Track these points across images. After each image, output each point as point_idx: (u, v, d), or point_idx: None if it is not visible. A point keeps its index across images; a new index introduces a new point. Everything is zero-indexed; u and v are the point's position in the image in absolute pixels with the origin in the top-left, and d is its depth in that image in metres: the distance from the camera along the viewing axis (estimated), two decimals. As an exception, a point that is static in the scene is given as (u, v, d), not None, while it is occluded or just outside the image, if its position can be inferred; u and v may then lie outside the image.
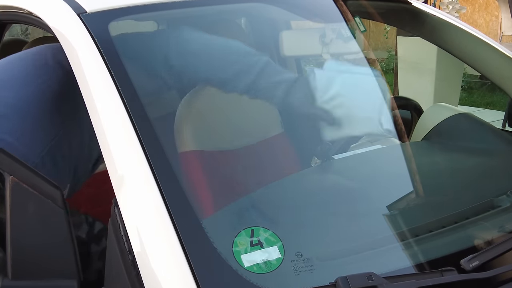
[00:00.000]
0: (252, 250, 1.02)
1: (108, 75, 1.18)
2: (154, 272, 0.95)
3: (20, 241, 0.95)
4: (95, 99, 1.16)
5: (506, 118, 1.96)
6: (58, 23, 1.33)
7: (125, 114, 1.11)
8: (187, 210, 1.01)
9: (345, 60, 1.96)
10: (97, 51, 1.22)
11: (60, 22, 1.33)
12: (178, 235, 0.96)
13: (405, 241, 1.16)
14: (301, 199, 1.31)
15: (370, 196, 1.33)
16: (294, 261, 1.03)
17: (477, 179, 1.51)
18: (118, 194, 1.03)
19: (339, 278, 0.94)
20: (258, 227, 1.06)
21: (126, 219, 1.00)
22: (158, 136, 1.10)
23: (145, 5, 1.43)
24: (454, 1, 4.73)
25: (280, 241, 1.04)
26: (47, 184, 0.98)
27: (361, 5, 1.87)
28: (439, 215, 1.26)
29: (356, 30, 1.77)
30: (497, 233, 1.22)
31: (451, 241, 1.18)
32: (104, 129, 1.11)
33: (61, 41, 1.31)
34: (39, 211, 0.97)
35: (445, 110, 1.77)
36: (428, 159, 1.63)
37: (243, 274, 0.96)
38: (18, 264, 0.94)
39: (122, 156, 1.07)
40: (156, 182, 1.01)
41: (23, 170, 0.97)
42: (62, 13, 1.33)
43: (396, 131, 1.67)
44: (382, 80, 1.45)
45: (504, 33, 7.05)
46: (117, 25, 1.34)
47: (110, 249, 1.06)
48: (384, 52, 8.77)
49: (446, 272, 1.02)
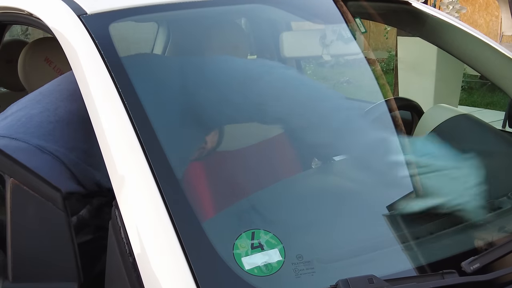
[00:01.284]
0: (252, 253, 1.02)
1: (108, 76, 1.17)
2: (155, 274, 0.95)
3: (20, 243, 0.95)
4: (95, 100, 1.16)
5: (506, 118, 1.95)
6: (58, 24, 1.33)
7: (125, 115, 1.11)
8: (187, 212, 1.00)
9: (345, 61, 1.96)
10: (97, 53, 1.21)
11: (61, 24, 1.33)
12: (179, 237, 0.96)
13: (406, 243, 1.16)
14: (302, 201, 1.31)
15: (371, 198, 1.33)
16: (295, 264, 1.03)
17: (477, 180, 1.51)
18: (118, 196, 1.03)
19: (340, 281, 0.94)
20: (259, 229, 1.06)
21: (127, 221, 1.00)
22: (158, 138, 1.10)
23: (146, 7, 1.43)
24: (454, 1, 4.73)
25: (281, 244, 1.04)
26: (48, 186, 0.98)
27: (361, 6, 1.87)
28: (439, 217, 1.26)
29: (356, 31, 1.76)
30: (498, 235, 1.22)
31: (452, 244, 1.18)
32: (105, 131, 1.11)
33: (61, 42, 1.30)
34: (39, 213, 0.96)
35: (446, 111, 1.76)
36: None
37: (244, 277, 0.95)
38: (19, 267, 0.94)
39: (122, 158, 1.07)
40: (156, 184, 1.01)
41: (23, 172, 0.97)
42: (62, 15, 1.33)
43: (396, 132, 1.66)
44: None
45: (504, 33, 7.04)
46: (117, 27, 1.33)
47: (110, 251, 1.06)
48: (384, 52, 8.77)
49: (447, 275, 1.01)
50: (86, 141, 1.43)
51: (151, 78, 1.54)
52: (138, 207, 1.01)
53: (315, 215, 1.24)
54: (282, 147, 1.81)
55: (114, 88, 1.15)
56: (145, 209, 1.00)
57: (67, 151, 1.44)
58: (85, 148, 1.45)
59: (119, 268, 1.00)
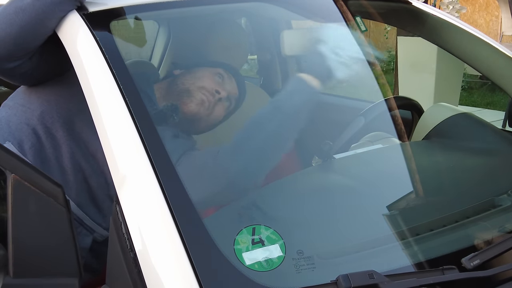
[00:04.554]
0: (253, 248, 1.02)
1: (109, 73, 1.18)
2: (156, 270, 0.95)
3: (21, 239, 0.95)
4: (96, 97, 1.17)
5: (506, 118, 1.95)
6: (60, 22, 1.33)
7: (126, 112, 1.11)
8: (188, 208, 1.01)
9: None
10: (98, 50, 1.22)
11: (62, 21, 1.33)
12: (180, 233, 0.96)
13: (407, 239, 1.16)
14: (303, 197, 1.31)
15: (371, 195, 1.34)
16: (295, 259, 1.03)
17: (477, 178, 1.51)
18: (119, 192, 1.03)
19: (340, 276, 0.94)
20: (260, 225, 1.06)
21: (128, 217, 1.00)
22: (159, 134, 1.10)
23: (147, 5, 1.43)
24: (454, 1, 4.72)
25: (281, 239, 1.04)
26: (49, 182, 0.98)
27: (362, 5, 1.87)
28: (440, 214, 1.26)
29: (356, 30, 1.77)
30: (497, 232, 1.22)
31: (452, 240, 1.18)
32: (106, 128, 1.11)
33: (63, 40, 1.31)
34: (40, 209, 0.96)
35: (446, 110, 1.77)
36: (429, 159, 1.63)
37: (245, 272, 0.95)
38: (20, 262, 0.94)
39: (124, 154, 1.07)
40: (157, 180, 1.01)
41: (24, 167, 0.97)
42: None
43: (396, 130, 1.67)
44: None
45: (504, 33, 7.05)
46: (118, 24, 1.34)
47: (111, 247, 1.06)
48: (384, 52, 8.77)
49: (447, 271, 1.02)
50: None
51: (152, 76, 1.55)
52: (139, 203, 1.01)
53: (316, 211, 1.25)
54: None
55: (115, 85, 1.16)
56: (146, 205, 1.01)
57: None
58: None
59: (120, 263, 1.01)
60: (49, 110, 1.46)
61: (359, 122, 1.68)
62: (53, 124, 1.45)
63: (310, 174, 1.51)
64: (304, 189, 1.36)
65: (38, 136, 1.44)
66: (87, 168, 1.44)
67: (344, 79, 1.37)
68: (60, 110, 1.46)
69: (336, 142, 1.60)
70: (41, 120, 1.45)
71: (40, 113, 1.45)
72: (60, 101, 1.48)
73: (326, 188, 1.39)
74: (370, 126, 1.71)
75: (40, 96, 1.49)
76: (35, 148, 1.42)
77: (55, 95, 1.49)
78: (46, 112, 1.46)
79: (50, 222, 0.97)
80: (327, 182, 1.43)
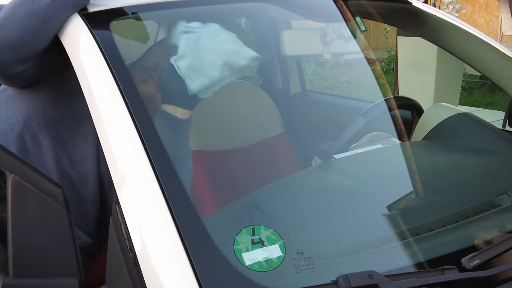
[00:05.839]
0: (253, 249, 1.02)
1: (109, 73, 1.18)
2: (155, 270, 0.95)
3: (21, 239, 0.95)
4: (96, 97, 1.17)
5: (506, 118, 1.96)
6: (59, 22, 1.33)
7: (126, 112, 1.11)
8: (188, 208, 1.01)
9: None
10: (98, 50, 1.22)
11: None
12: (180, 233, 0.96)
13: (406, 240, 1.16)
14: (302, 198, 1.31)
15: (371, 195, 1.34)
16: (295, 260, 1.03)
17: (477, 178, 1.51)
18: (119, 192, 1.03)
19: (340, 276, 0.94)
20: (259, 225, 1.06)
21: (128, 217, 1.00)
22: (159, 134, 1.10)
23: (147, 5, 1.43)
24: (454, 1, 4.72)
25: (281, 240, 1.04)
26: (49, 183, 0.98)
27: (362, 5, 1.87)
28: (440, 214, 1.26)
29: (356, 29, 1.77)
30: (497, 232, 1.22)
31: (452, 240, 1.18)
32: (106, 127, 1.11)
33: (63, 40, 1.31)
34: (40, 209, 0.96)
35: (446, 110, 1.77)
36: (429, 159, 1.63)
37: (244, 272, 0.95)
38: (20, 262, 0.94)
39: (123, 154, 1.07)
40: (157, 181, 1.01)
41: (24, 168, 0.97)
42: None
43: (396, 130, 1.67)
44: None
45: (504, 33, 7.05)
46: (118, 25, 1.34)
47: (111, 247, 1.06)
48: (384, 52, 8.78)
49: (447, 271, 1.02)
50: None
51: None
52: (139, 203, 1.01)
53: (316, 212, 1.25)
54: (283, 146, 1.81)
55: (115, 85, 1.16)
56: (146, 205, 1.01)
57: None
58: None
59: (120, 264, 1.01)
60: (35, 115, 1.44)
61: (359, 122, 1.69)
62: (39, 131, 1.43)
63: (310, 174, 1.51)
64: (303, 189, 1.36)
65: (24, 142, 1.42)
66: (74, 174, 1.43)
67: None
68: (46, 116, 1.44)
69: (336, 142, 1.61)
70: (27, 126, 1.43)
71: (26, 119, 1.43)
72: (45, 106, 1.45)
73: (326, 188, 1.39)
74: (370, 126, 1.72)
75: (25, 100, 1.46)
76: (20, 154, 1.40)
77: (40, 100, 1.46)
78: (32, 117, 1.43)
79: (50, 223, 0.97)
80: (327, 182, 1.43)
